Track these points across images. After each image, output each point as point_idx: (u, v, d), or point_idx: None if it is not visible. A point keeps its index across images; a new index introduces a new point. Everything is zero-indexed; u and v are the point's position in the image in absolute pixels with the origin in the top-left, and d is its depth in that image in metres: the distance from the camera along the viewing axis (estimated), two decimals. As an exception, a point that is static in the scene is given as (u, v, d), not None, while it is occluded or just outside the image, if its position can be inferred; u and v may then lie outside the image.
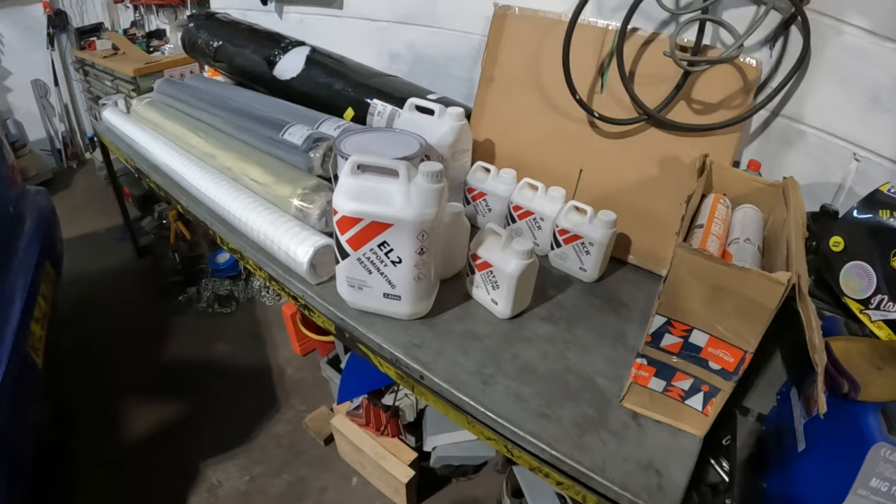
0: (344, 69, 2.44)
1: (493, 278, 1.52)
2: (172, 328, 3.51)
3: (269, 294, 3.66)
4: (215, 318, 3.58)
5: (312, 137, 1.89)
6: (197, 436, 2.77)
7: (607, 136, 1.81)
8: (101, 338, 3.42)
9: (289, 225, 1.71)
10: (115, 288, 3.91)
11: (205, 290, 3.66)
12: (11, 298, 2.33)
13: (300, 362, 3.17)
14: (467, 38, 2.31)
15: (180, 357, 3.28)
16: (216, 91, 2.70)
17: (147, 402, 2.98)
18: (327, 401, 2.84)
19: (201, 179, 2.10)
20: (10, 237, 2.67)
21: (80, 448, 2.74)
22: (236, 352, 3.30)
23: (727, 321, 1.07)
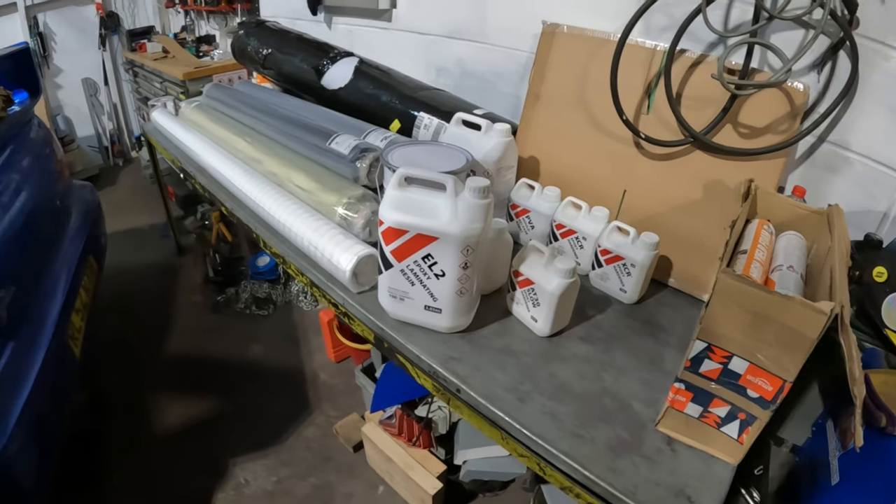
0: (391, 81, 2.46)
1: (535, 296, 1.52)
2: (209, 327, 3.55)
3: (306, 299, 3.68)
4: (252, 320, 3.61)
5: (359, 147, 1.90)
6: (227, 433, 2.79)
7: (652, 157, 1.81)
8: (139, 332, 3.47)
9: (333, 233, 1.73)
10: (156, 284, 3.97)
11: (243, 292, 3.70)
12: (54, 288, 2.37)
13: (334, 368, 3.19)
14: (515, 55, 2.32)
15: (216, 355, 3.31)
16: (264, 97, 2.74)
17: (180, 397, 3.01)
18: (359, 408, 2.85)
19: (247, 183, 2.14)
20: (57, 229, 2.73)
21: (112, 437, 2.78)
22: (271, 354, 3.33)
23: (768, 349, 1.07)
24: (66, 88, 5.65)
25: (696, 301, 1.75)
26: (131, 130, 6.27)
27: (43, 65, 5.41)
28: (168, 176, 4.32)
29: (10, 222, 2.29)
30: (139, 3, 5.91)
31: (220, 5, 4.67)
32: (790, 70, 1.48)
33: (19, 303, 2.10)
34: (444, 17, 2.57)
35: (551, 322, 1.52)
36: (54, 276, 2.45)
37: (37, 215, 2.59)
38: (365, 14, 2.99)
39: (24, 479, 1.87)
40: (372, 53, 2.76)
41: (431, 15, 2.63)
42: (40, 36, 5.49)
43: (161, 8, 5.90)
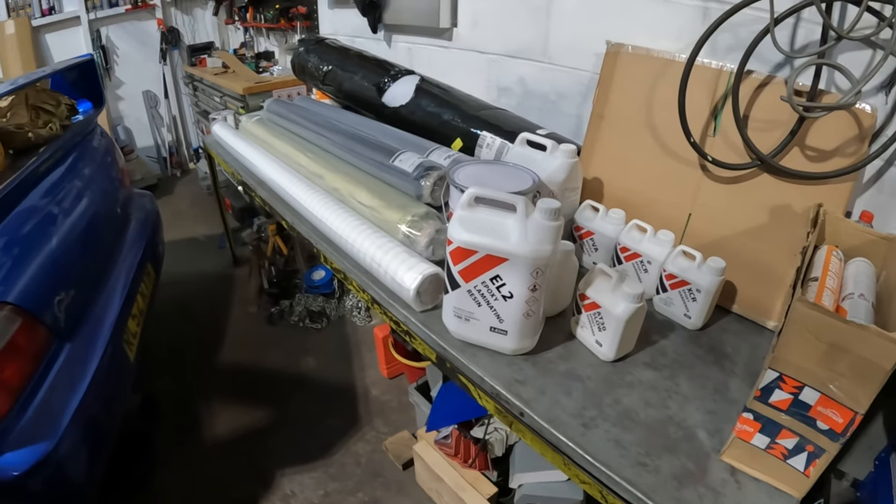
0: (453, 100, 2.47)
1: (601, 320, 1.50)
2: (263, 337, 3.60)
3: (360, 314, 3.70)
4: (305, 333, 3.64)
5: (424, 165, 1.91)
6: (276, 444, 2.81)
7: (718, 180, 1.78)
8: (193, 339, 3.54)
9: (397, 251, 1.73)
10: (211, 293, 4.05)
11: (297, 305, 3.74)
12: (113, 293, 2.43)
13: (386, 385, 3.19)
14: (578, 75, 2.31)
15: (268, 366, 3.35)
16: (325, 113, 2.77)
17: (231, 405, 3.06)
18: (410, 426, 2.85)
19: (309, 198, 2.16)
20: (117, 236, 2.80)
21: (162, 440, 2.84)
22: (323, 367, 3.35)
23: (840, 380, 1.04)
24: (127, 100, 5.80)
25: (761, 328, 1.72)
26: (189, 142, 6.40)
27: (105, 77, 5.57)
28: (225, 188, 4.39)
29: (72, 226, 2.36)
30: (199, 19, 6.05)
31: (280, 23, 4.73)
32: (860, 92, 1.45)
33: (78, 305, 2.17)
34: (506, 36, 2.58)
35: (616, 347, 1.50)
36: (113, 281, 2.51)
37: (98, 221, 2.67)
38: (425, 32, 3.02)
39: (75, 477, 1.92)
40: (432, 72, 2.79)
41: (493, 34, 2.64)
42: (103, 49, 5.65)
43: (220, 24, 6.03)
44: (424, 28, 2.97)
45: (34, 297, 1.92)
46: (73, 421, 1.87)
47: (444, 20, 2.79)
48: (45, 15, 5.53)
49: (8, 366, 1.79)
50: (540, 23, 2.39)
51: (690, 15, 1.89)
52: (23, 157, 2.48)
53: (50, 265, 2.09)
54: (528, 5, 2.40)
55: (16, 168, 2.33)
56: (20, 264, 1.93)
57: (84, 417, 1.93)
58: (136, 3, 5.74)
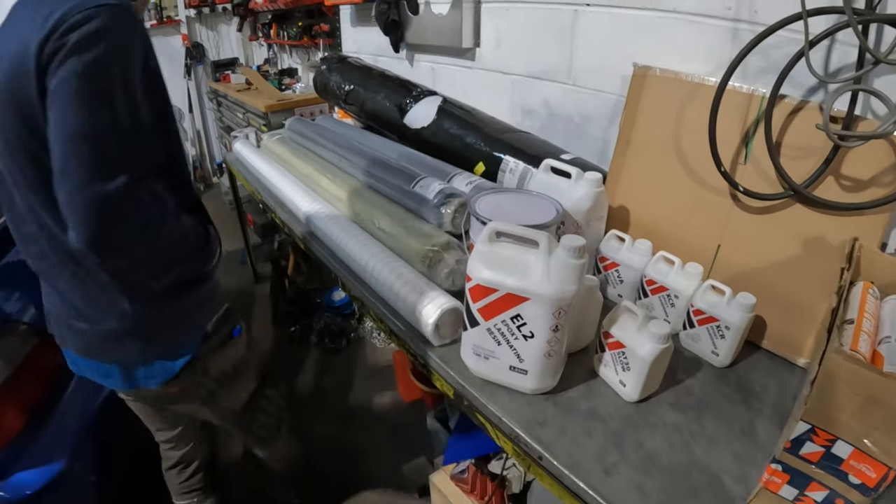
0: (476, 122, 2.44)
1: (625, 359, 1.45)
2: (282, 356, 3.59)
3: (380, 336, 3.67)
4: (325, 353, 3.63)
5: (444, 192, 1.88)
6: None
7: (748, 210, 1.71)
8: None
9: (417, 281, 1.69)
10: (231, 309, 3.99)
11: (317, 324, 3.72)
12: None
13: (404, 408, 3.15)
14: (604, 98, 2.27)
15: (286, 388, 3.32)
16: (347, 134, 2.76)
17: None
18: (427, 451, 2.81)
19: (328, 222, 2.12)
20: None
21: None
22: (342, 388, 3.32)
23: (875, 434, 0.99)
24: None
25: (790, 365, 1.65)
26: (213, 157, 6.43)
27: (130, 90, 5.59)
28: (247, 203, 4.38)
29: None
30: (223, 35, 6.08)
31: (303, 40, 4.73)
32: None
33: None
34: (529, 57, 2.54)
35: (641, 388, 1.44)
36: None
37: None
38: (448, 52, 2.98)
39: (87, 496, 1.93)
40: (454, 92, 2.77)
41: (516, 55, 2.60)
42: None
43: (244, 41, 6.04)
44: (447, 48, 2.94)
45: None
46: (86, 440, 1.88)
47: (466, 40, 2.76)
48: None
49: (22, 385, 1.79)
50: (564, 43, 2.35)
51: (719, 36, 1.84)
52: None
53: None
54: (553, 25, 2.36)
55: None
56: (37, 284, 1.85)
57: (97, 437, 1.94)
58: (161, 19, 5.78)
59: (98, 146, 1.08)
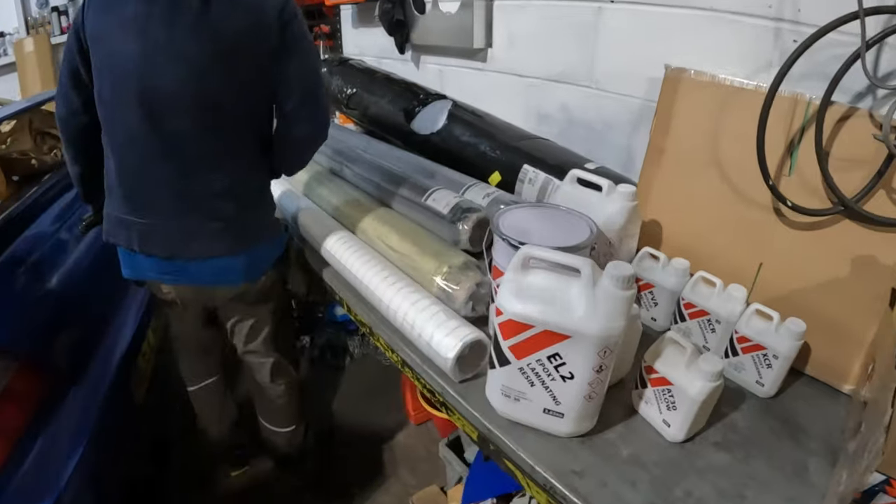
0: (490, 129, 2.29)
1: (671, 398, 1.28)
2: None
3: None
4: (327, 370, 3.47)
5: (460, 207, 1.73)
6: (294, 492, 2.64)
7: (794, 226, 1.54)
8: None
9: (434, 309, 1.52)
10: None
11: (319, 340, 3.57)
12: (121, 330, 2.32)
13: (413, 431, 3.00)
14: (627, 102, 2.11)
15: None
16: (350, 141, 2.61)
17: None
18: (439, 478, 2.64)
19: (333, 239, 1.96)
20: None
21: (172, 485, 2.67)
22: (345, 409, 3.18)
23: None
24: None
25: (833, 391, 1.50)
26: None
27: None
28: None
29: (78, 258, 2.29)
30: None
31: (301, 42, 4.56)
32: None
33: (83, 345, 2.09)
34: (546, 58, 2.38)
35: (688, 429, 1.29)
36: (122, 315, 2.40)
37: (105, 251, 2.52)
38: (457, 53, 2.83)
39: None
40: (464, 96, 2.60)
41: (532, 56, 2.45)
42: (124, 67, 5.57)
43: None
44: (456, 49, 2.79)
45: (33, 339, 1.83)
46: (76, 472, 1.75)
47: (477, 40, 2.60)
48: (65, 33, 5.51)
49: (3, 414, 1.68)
50: (586, 44, 2.19)
51: (758, 36, 1.69)
52: (28, 185, 2.43)
53: (52, 302, 2.01)
54: (573, 24, 2.21)
55: (20, 197, 2.29)
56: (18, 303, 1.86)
57: (88, 468, 1.80)
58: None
59: (321, 77, 1.84)
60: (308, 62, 1.70)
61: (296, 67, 1.66)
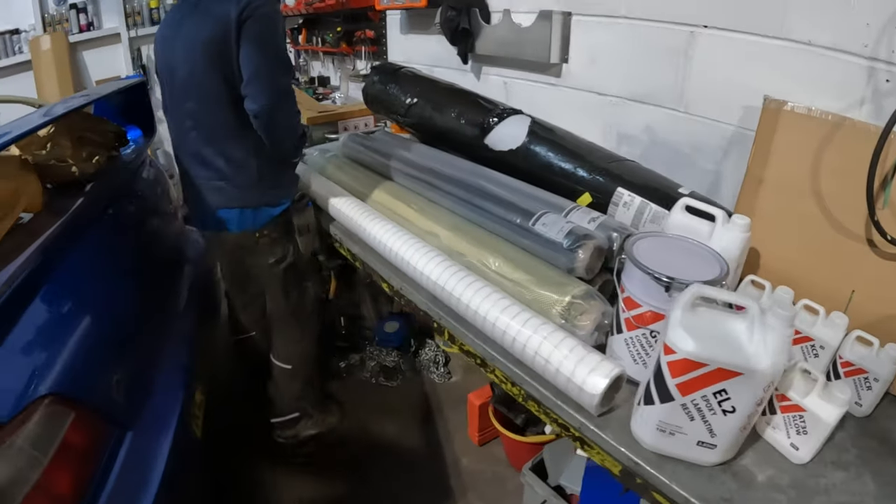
0: (575, 147, 2.32)
1: (802, 423, 1.36)
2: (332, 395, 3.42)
3: (438, 370, 3.55)
4: (379, 390, 3.48)
5: (576, 233, 1.76)
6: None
7: (886, 256, 1.61)
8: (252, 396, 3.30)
9: (570, 343, 1.53)
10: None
11: (369, 360, 3.59)
12: (176, 359, 2.26)
13: (477, 453, 3.02)
14: (718, 128, 2.16)
15: (340, 429, 3.18)
16: (424, 155, 2.64)
17: (301, 475, 2.90)
18: (508, 500, 2.70)
19: (428, 263, 1.98)
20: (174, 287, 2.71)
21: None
22: (403, 431, 3.19)
23: None
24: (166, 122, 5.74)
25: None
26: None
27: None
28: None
29: (127, 284, 2.21)
30: (243, 37, 6.03)
31: (341, 47, 4.62)
32: None
33: (138, 381, 1.97)
34: (631, 77, 2.44)
35: (815, 451, 1.37)
36: (175, 343, 2.34)
37: (154, 273, 2.53)
38: (527, 67, 2.89)
39: None
40: (533, 111, 2.61)
41: (614, 74, 2.51)
42: (143, 68, 5.61)
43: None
44: (527, 62, 2.85)
45: (86, 383, 1.69)
46: None
47: (554, 54, 2.66)
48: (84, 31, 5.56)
49: (61, 474, 1.50)
50: (676, 66, 2.25)
51: (853, 72, 1.75)
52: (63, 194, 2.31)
53: (103, 336, 1.86)
54: (663, 45, 2.27)
55: (55, 210, 2.15)
56: (67, 342, 1.70)
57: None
58: (179, 21, 5.70)
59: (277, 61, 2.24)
60: (254, 49, 2.14)
61: (245, 54, 2.14)
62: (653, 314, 1.46)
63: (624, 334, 1.54)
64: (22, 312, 1.65)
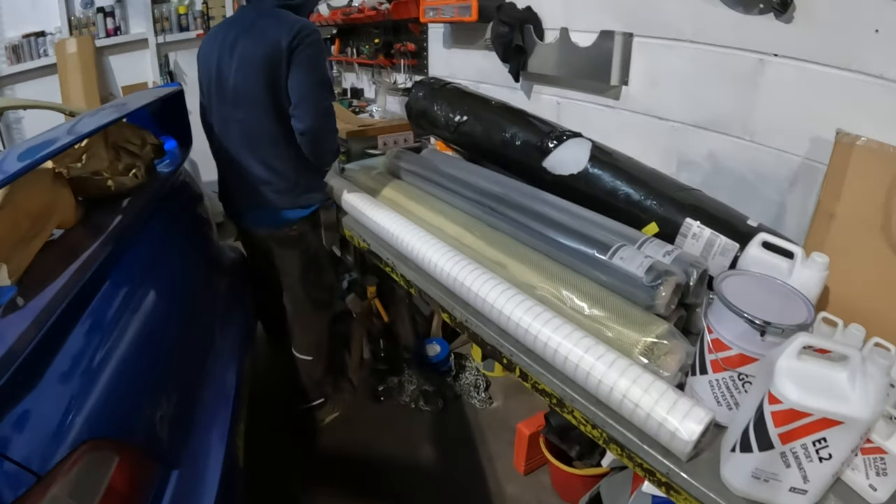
0: (641, 175, 2.36)
1: (883, 465, 1.39)
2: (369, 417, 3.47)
3: (479, 395, 3.58)
4: (419, 415, 3.51)
5: (657, 269, 1.77)
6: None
7: None
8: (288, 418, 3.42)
9: (659, 386, 1.55)
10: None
11: (409, 383, 3.61)
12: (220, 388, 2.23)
13: (522, 481, 3.03)
14: (785, 158, 2.20)
15: (379, 454, 3.22)
16: (485, 177, 2.66)
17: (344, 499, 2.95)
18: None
19: (500, 297, 1.96)
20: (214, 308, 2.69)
21: None
22: (445, 457, 3.22)
23: None
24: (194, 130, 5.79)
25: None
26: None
27: (172, 105, 5.70)
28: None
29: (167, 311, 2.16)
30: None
31: (379, 59, 4.65)
32: None
33: (183, 416, 1.94)
34: (694, 103, 2.48)
35: (892, 492, 1.40)
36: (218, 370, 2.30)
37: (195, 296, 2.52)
38: (584, 87, 2.94)
39: None
40: (589, 133, 2.66)
41: (677, 98, 2.54)
42: (170, 74, 5.67)
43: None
44: (584, 83, 2.90)
45: (128, 421, 1.66)
46: None
47: (614, 76, 2.69)
48: (110, 35, 5.60)
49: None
50: (743, 94, 2.28)
51: None
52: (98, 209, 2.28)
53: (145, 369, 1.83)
54: (730, 72, 2.31)
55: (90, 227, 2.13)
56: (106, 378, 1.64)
57: None
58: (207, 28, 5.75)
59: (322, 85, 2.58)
60: (302, 74, 2.51)
61: (294, 78, 2.50)
62: (742, 357, 1.49)
63: (709, 375, 1.57)
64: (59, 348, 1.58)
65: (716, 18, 2.31)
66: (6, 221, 1.77)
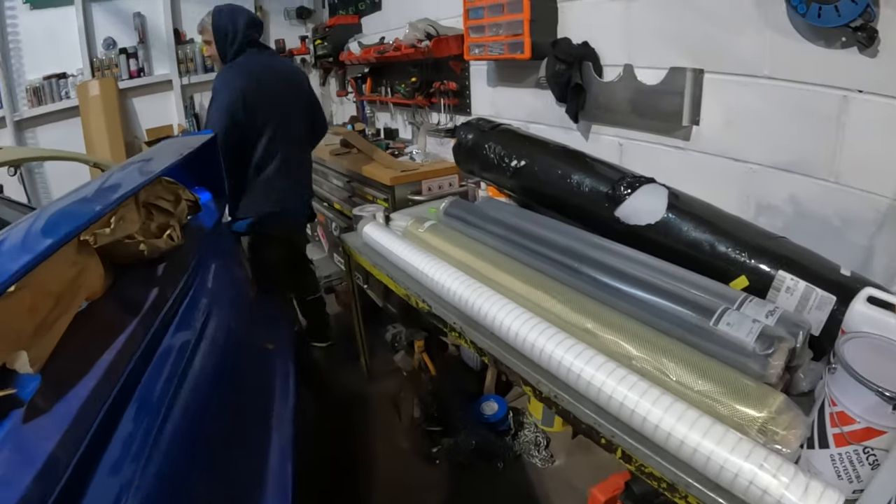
0: (724, 224, 2.30)
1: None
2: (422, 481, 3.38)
3: (540, 453, 3.51)
4: (478, 476, 3.42)
5: (767, 335, 1.71)
6: None
7: None
8: (337, 481, 3.35)
9: (788, 470, 1.46)
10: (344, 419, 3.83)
11: (465, 444, 3.51)
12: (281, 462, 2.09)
13: (593, 549, 2.94)
14: (873, 201, 2.16)
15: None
16: (558, 230, 2.63)
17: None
18: None
19: (598, 371, 1.82)
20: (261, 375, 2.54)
21: None
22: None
23: None
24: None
25: None
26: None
27: (198, 149, 5.80)
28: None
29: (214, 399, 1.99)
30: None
31: (416, 98, 4.65)
32: None
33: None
34: (773, 143, 2.45)
35: None
36: (276, 448, 2.15)
37: (243, 370, 2.38)
38: (650, 128, 2.91)
39: None
40: (654, 175, 2.61)
41: (754, 139, 2.51)
42: (195, 117, 5.69)
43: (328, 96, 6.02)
44: (649, 123, 2.87)
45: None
46: None
47: (685, 115, 2.66)
48: (134, 77, 5.66)
49: None
50: (827, 134, 2.25)
51: None
52: (128, 275, 2.11)
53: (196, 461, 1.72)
54: (811, 109, 2.28)
55: (121, 300, 1.98)
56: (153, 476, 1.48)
57: None
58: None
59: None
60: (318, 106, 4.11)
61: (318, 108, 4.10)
62: (869, 430, 1.44)
63: (830, 450, 1.52)
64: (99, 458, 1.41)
65: (794, 53, 2.29)
66: (23, 305, 1.52)
